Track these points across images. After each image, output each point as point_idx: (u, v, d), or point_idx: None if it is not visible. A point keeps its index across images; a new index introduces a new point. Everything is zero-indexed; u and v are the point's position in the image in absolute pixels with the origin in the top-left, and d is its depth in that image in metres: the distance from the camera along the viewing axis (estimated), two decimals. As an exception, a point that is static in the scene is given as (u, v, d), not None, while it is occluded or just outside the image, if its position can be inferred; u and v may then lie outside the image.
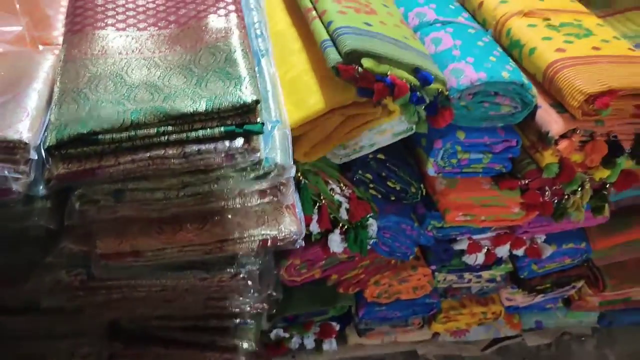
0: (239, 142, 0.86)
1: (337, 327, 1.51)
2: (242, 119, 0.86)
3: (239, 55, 0.94)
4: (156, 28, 1.04)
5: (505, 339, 1.68)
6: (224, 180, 0.91)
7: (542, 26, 1.13)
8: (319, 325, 1.49)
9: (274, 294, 1.23)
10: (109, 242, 0.94)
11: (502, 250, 1.32)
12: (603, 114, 0.99)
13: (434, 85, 0.98)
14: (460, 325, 1.57)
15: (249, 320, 1.29)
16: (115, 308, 1.13)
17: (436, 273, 1.40)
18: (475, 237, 1.30)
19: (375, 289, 1.39)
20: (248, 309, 1.22)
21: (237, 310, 1.22)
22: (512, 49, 1.14)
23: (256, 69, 0.98)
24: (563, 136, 1.03)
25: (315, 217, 1.09)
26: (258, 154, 0.87)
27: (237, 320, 1.28)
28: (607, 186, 1.17)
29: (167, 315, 1.22)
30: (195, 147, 0.85)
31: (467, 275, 1.43)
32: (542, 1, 1.21)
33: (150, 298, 1.10)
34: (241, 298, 1.18)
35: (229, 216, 0.96)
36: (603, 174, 1.09)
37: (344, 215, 1.12)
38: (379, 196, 1.19)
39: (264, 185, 0.94)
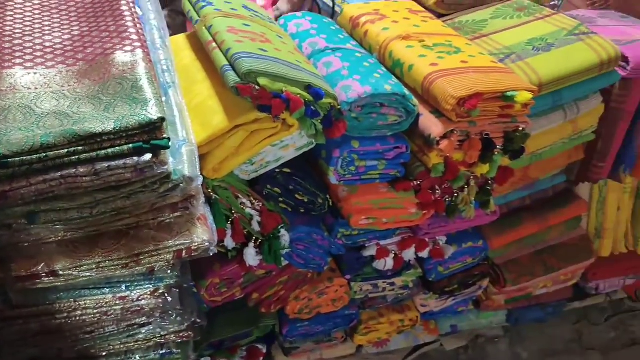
0: (147, 156, 0.93)
1: (264, 349, 1.55)
2: (149, 135, 0.93)
3: (145, 83, 1.02)
4: (64, 66, 1.10)
5: (424, 346, 1.77)
6: (136, 196, 0.97)
7: (419, 47, 1.28)
8: (245, 349, 1.53)
9: (198, 320, 1.26)
10: (24, 264, 0.96)
11: (409, 254, 1.43)
12: (473, 115, 1.14)
13: (326, 100, 1.10)
14: (381, 335, 1.65)
15: (175, 350, 1.30)
16: (33, 344, 1.12)
17: (352, 283, 1.49)
18: (382, 242, 1.40)
19: (296, 305, 1.45)
20: (173, 337, 1.25)
21: (162, 340, 1.24)
22: (395, 68, 1.28)
23: (164, 98, 1.06)
24: (444, 137, 1.16)
25: (229, 231, 1.16)
26: (166, 167, 0.94)
27: (163, 351, 1.29)
28: (490, 182, 1.31)
29: (88, 354, 1.21)
30: (105, 164, 0.91)
31: (381, 284, 1.52)
32: (418, 27, 1.37)
33: (70, 328, 1.11)
34: (164, 323, 1.20)
35: (144, 231, 1.01)
36: (483, 169, 1.23)
37: (256, 227, 1.19)
38: (289, 209, 1.28)
39: (174, 198, 1.00)
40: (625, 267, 1.90)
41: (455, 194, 1.29)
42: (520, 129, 1.22)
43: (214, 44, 1.19)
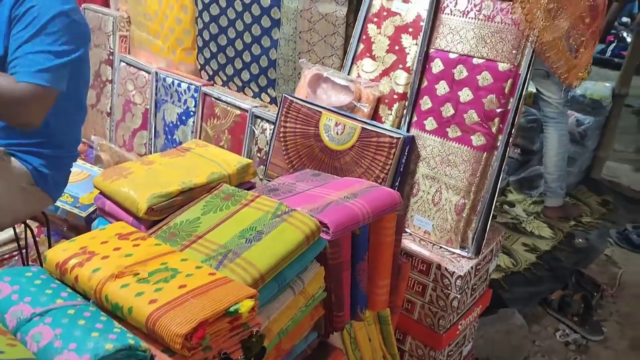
0: None
1: None
2: None
3: None
4: None
5: None
6: None
7: (134, 283, 1.25)
8: None
9: None
10: None
11: None
12: (204, 343, 1.14)
13: (42, 389, 0.99)
14: None
15: None
16: None
17: None
18: None
19: None
20: None
21: None
22: (116, 311, 1.23)
23: None
24: (183, 374, 1.14)
25: None
26: None
27: None
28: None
29: None
30: None
31: None
32: (130, 256, 1.35)
33: None
34: None
35: None
36: (234, 384, 1.23)
37: None
38: None
39: None
40: (394, 384, 2.06)
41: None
42: (255, 332, 1.26)
43: None
